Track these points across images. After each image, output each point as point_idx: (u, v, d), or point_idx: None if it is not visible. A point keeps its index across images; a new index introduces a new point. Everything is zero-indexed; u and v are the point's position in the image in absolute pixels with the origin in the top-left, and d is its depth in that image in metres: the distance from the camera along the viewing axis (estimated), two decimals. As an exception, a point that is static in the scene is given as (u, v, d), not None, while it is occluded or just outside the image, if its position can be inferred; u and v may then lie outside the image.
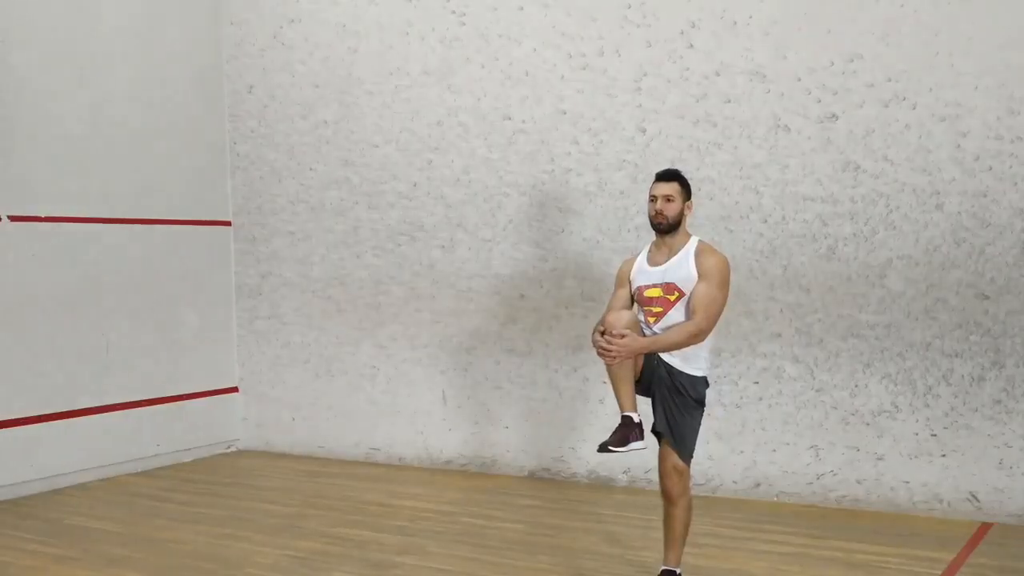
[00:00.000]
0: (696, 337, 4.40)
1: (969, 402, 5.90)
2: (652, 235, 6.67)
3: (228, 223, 8.46)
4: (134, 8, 7.74)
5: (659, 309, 4.50)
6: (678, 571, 4.64)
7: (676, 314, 4.47)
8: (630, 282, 4.68)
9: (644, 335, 4.51)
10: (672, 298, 4.48)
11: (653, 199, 4.56)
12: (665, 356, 4.50)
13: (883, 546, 5.42)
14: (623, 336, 4.30)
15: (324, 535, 5.85)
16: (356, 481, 7.29)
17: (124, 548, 5.67)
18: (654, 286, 4.54)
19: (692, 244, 4.55)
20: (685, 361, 4.50)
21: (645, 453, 6.80)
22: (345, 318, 8.02)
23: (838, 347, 6.22)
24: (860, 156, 6.12)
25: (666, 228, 4.54)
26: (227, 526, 6.10)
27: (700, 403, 4.57)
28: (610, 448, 4.52)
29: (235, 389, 8.50)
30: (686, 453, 4.56)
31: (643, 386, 4.58)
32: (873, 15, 6.05)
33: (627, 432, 4.51)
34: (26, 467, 6.97)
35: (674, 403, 4.52)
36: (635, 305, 4.67)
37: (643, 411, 4.57)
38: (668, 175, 4.61)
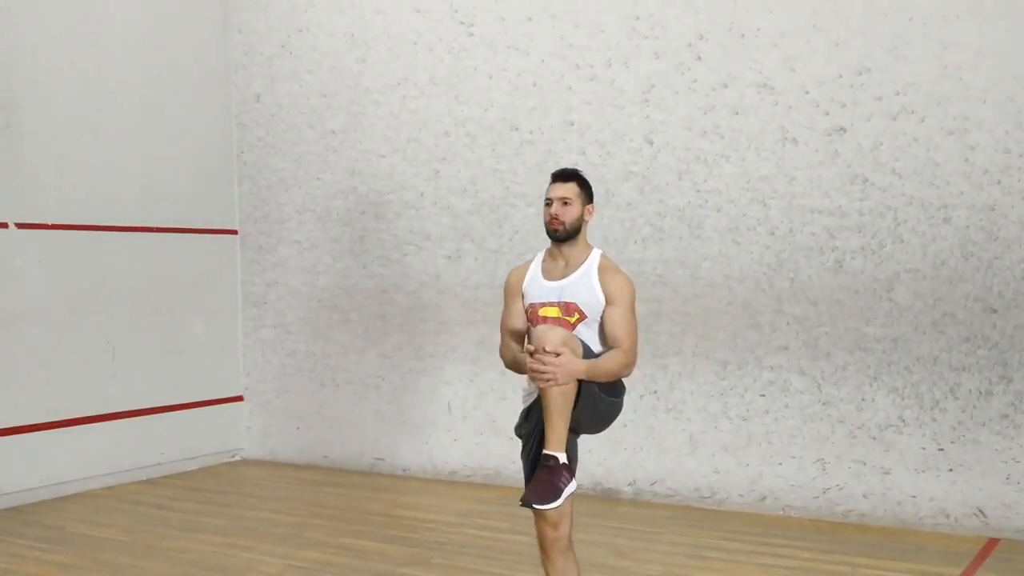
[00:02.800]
0: (627, 368, 3.85)
1: (976, 416, 5.88)
2: (659, 247, 6.74)
3: (235, 232, 8.47)
4: (142, 16, 7.76)
5: None
6: (559, 456, 3.73)
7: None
8: (523, 296, 4.09)
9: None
10: (572, 320, 3.92)
11: (548, 202, 4.04)
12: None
13: (890, 560, 5.39)
14: (558, 354, 3.59)
15: (328, 545, 5.84)
16: (360, 491, 7.27)
17: (128, 557, 5.66)
18: (551, 305, 3.97)
19: (593, 259, 4.02)
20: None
21: (650, 466, 6.84)
22: (351, 327, 8.02)
23: (845, 360, 6.20)
24: (868, 169, 6.12)
25: (563, 236, 4.00)
26: (231, 535, 6.09)
27: (601, 387, 3.83)
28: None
29: (240, 398, 8.49)
30: (577, 419, 3.75)
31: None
32: (882, 28, 6.05)
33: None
34: (30, 474, 6.97)
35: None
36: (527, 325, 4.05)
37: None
38: (565, 175, 4.08)
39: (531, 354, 3.64)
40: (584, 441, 7.11)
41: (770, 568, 5.31)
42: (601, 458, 6.86)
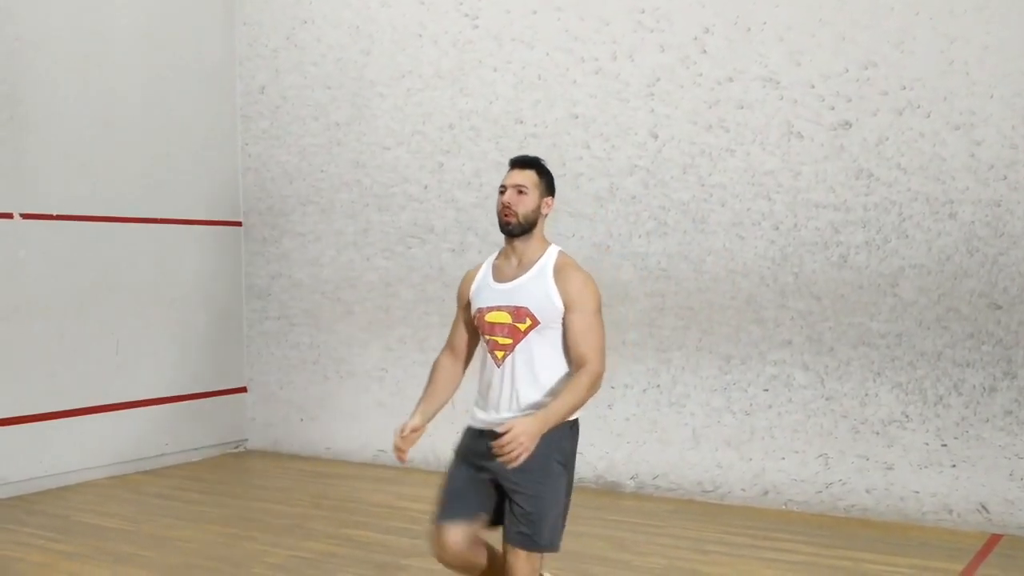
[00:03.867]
0: (595, 386, 3.45)
1: (980, 412, 5.87)
2: (664, 241, 6.74)
3: (239, 223, 8.47)
4: (146, 8, 7.75)
5: (507, 340, 3.52)
6: None
7: (528, 347, 3.49)
8: (469, 303, 3.67)
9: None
10: (523, 327, 3.48)
11: (502, 190, 3.57)
12: (494, 422, 3.53)
13: (892, 556, 5.39)
14: (510, 430, 3.22)
15: (331, 536, 5.85)
16: (363, 483, 7.29)
17: (132, 546, 5.67)
18: (499, 309, 3.53)
19: (549, 257, 3.58)
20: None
21: (653, 459, 6.84)
22: (354, 320, 8.02)
23: (849, 355, 6.20)
24: (873, 164, 6.10)
25: (516, 230, 3.55)
26: (234, 526, 6.10)
27: (565, 465, 3.50)
28: None
29: (244, 389, 8.50)
30: (552, 542, 3.50)
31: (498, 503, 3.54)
32: (888, 23, 6.03)
33: None
34: (35, 464, 6.99)
35: (527, 485, 3.43)
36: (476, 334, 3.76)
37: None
38: (524, 162, 3.62)
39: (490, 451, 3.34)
40: (586, 435, 7.13)
41: (772, 562, 5.31)
42: (603, 451, 6.87)
